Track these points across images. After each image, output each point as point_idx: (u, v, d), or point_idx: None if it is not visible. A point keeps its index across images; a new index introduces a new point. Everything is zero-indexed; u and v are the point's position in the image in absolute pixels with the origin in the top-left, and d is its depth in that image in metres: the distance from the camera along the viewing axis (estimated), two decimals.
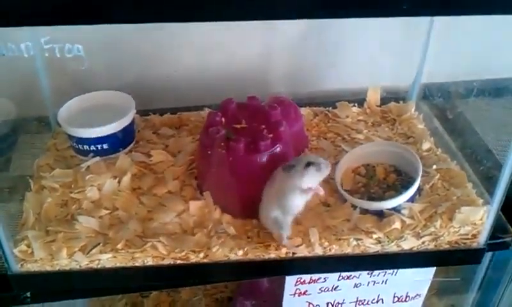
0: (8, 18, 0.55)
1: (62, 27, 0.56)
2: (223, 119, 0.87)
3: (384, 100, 1.09)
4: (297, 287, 0.89)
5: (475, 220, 0.83)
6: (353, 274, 0.90)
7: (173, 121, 1.03)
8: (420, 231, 0.82)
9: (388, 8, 0.61)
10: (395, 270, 0.90)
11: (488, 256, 0.97)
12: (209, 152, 0.84)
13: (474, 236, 0.84)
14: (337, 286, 0.90)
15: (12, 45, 0.61)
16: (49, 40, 0.62)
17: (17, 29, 0.56)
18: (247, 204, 0.84)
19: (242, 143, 0.81)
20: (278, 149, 0.83)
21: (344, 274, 0.89)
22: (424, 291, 0.93)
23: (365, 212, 0.84)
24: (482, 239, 0.84)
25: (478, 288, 1.06)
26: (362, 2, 0.60)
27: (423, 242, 0.83)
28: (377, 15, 0.62)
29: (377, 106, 1.07)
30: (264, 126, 0.86)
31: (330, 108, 1.07)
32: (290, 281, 0.88)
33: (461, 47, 1.02)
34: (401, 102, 1.09)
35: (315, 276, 0.89)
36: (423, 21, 1.00)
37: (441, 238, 0.83)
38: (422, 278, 0.92)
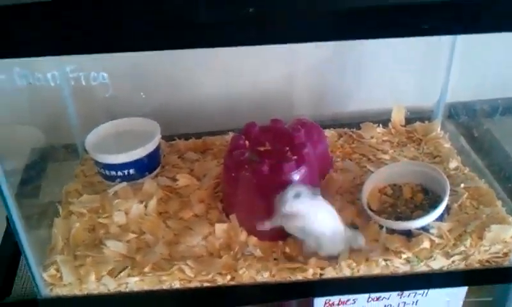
0: (33, 48, 0.57)
1: (86, 56, 0.58)
2: (247, 142, 0.88)
3: (408, 120, 1.09)
4: None
5: (506, 238, 0.82)
6: (383, 295, 0.88)
7: (198, 145, 1.05)
8: (449, 251, 0.81)
9: (407, 28, 0.61)
10: (426, 291, 0.89)
11: None
12: (234, 175, 0.84)
13: (505, 254, 0.82)
14: None
15: (39, 74, 0.63)
16: (75, 69, 0.64)
17: (43, 59, 0.59)
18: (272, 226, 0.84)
19: (266, 165, 0.82)
20: (302, 170, 0.83)
21: (374, 295, 0.88)
22: None
23: (392, 232, 0.83)
24: None
25: None
26: (382, 24, 0.60)
27: (453, 261, 0.81)
28: (393, 36, 0.62)
29: (402, 126, 1.07)
30: (287, 149, 0.86)
31: (354, 129, 1.07)
32: (318, 303, 0.88)
33: (485, 64, 1.02)
34: (426, 121, 1.09)
35: (344, 298, 0.87)
36: (446, 39, 1.00)
37: (472, 257, 0.81)
38: (453, 299, 0.90)
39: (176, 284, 0.80)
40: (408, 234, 0.83)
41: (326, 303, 0.88)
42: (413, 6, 0.58)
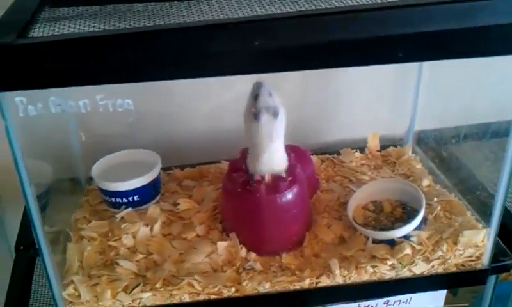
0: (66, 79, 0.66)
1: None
2: (244, 166, 0.96)
3: (382, 147, 1.20)
4: None
5: (477, 242, 0.92)
6: (371, 303, 0.97)
7: (194, 173, 1.12)
8: (429, 256, 0.90)
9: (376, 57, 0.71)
10: (409, 299, 0.98)
11: (491, 284, 1.04)
12: (234, 196, 0.92)
13: (478, 258, 0.92)
14: None
15: (72, 102, 0.71)
16: (104, 97, 0.72)
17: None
18: (270, 242, 0.92)
19: (264, 185, 0.90)
20: (296, 189, 0.92)
21: (362, 304, 0.97)
22: None
23: (377, 242, 0.93)
24: (485, 260, 0.92)
25: None
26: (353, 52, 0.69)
27: (432, 266, 0.90)
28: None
29: (377, 151, 1.18)
30: None
31: (335, 155, 1.17)
32: None
33: (450, 93, 1.14)
34: (398, 146, 1.20)
35: None
36: (412, 72, 1.12)
37: (449, 261, 0.91)
38: (434, 305, 1.00)
39: (186, 298, 0.86)
40: (391, 243, 0.92)
41: None
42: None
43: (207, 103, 1.15)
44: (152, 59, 0.66)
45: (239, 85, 1.09)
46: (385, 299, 0.97)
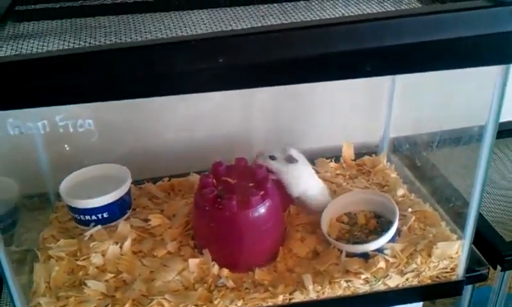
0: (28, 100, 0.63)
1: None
2: (214, 181, 0.95)
3: (358, 155, 1.19)
4: None
5: (452, 254, 0.91)
6: None
7: (166, 187, 1.10)
8: (403, 268, 0.90)
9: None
10: None
11: (468, 293, 1.04)
12: (204, 211, 0.91)
13: (452, 269, 0.91)
14: None
15: (30, 123, 0.68)
16: (63, 118, 0.69)
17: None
18: (242, 258, 0.91)
19: (235, 200, 0.88)
20: (268, 203, 0.90)
21: None
22: None
23: (351, 255, 0.92)
24: (460, 271, 0.92)
25: None
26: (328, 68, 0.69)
27: (407, 279, 0.90)
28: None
29: (352, 160, 1.17)
30: (252, 184, 0.93)
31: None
32: None
33: (422, 101, 1.13)
34: (373, 155, 1.19)
35: None
36: (386, 81, 1.12)
37: (423, 273, 0.90)
38: None
39: None
40: (365, 256, 0.91)
41: None
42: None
43: (177, 114, 1.13)
44: (119, 76, 0.64)
45: (210, 96, 1.08)
46: None
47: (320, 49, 0.66)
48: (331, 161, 1.17)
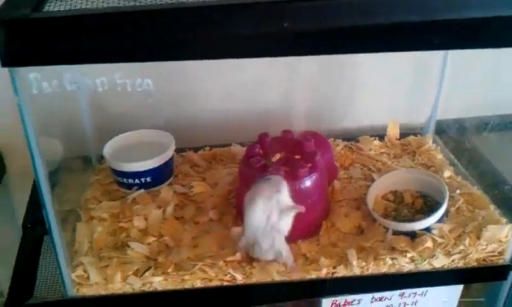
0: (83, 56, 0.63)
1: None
2: (261, 151, 0.93)
3: (402, 135, 1.16)
4: None
5: (501, 238, 0.89)
6: (385, 295, 0.94)
7: (207, 156, 1.10)
8: (450, 250, 0.87)
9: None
10: (425, 291, 0.95)
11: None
12: (250, 181, 0.89)
13: (500, 253, 0.89)
14: None
15: (88, 80, 0.68)
16: (122, 76, 0.68)
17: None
18: None
19: (282, 171, 0.87)
20: (314, 176, 0.89)
21: (377, 295, 0.94)
22: None
23: (398, 233, 0.90)
24: (507, 256, 0.89)
25: None
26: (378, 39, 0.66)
27: (453, 260, 0.87)
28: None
29: (397, 139, 1.14)
30: (299, 157, 0.92)
31: (353, 142, 1.14)
32: (326, 303, 0.92)
33: (474, 83, 1.10)
34: (418, 135, 1.16)
35: (350, 298, 0.92)
36: (437, 59, 1.09)
37: (470, 255, 0.88)
38: (449, 298, 0.97)
39: (198, 284, 0.84)
40: (412, 235, 0.89)
41: (333, 303, 0.93)
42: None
43: (222, 84, 1.11)
44: (169, 38, 0.63)
45: (254, 68, 1.06)
46: (401, 291, 0.95)
47: (389, 18, 0.64)
48: (375, 139, 1.14)
